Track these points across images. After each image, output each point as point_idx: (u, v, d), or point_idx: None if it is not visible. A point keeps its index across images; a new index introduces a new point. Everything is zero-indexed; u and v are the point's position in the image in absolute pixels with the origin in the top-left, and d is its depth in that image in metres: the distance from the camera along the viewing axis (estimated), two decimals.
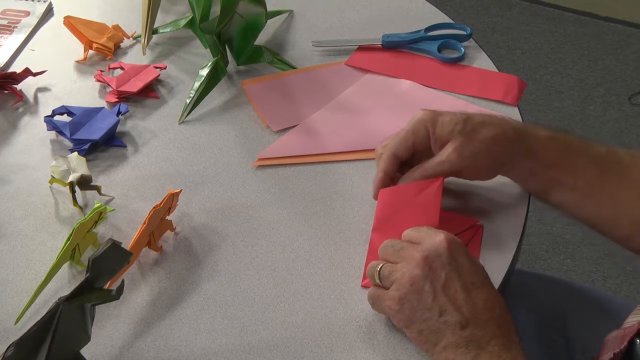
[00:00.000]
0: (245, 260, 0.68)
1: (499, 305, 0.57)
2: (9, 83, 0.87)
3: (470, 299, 0.56)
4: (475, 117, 0.68)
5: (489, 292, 0.57)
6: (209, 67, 0.87)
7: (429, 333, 0.56)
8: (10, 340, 0.51)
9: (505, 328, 0.56)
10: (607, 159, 0.68)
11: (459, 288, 0.56)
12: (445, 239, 0.58)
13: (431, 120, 0.68)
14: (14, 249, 0.69)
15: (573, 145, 0.68)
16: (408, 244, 0.60)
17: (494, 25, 2.42)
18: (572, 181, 0.67)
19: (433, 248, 0.58)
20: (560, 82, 2.19)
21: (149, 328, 0.62)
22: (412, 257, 0.58)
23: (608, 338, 0.66)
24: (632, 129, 2.02)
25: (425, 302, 0.56)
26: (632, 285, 1.62)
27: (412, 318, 0.57)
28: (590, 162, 0.67)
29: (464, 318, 0.55)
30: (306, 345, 0.61)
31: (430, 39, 0.94)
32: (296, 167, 0.78)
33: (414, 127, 0.68)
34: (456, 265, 0.57)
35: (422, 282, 0.57)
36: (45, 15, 1.02)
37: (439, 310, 0.56)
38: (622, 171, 0.67)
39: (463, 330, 0.55)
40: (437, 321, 0.56)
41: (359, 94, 0.88)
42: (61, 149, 0.80)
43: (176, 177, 0.77)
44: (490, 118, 0.68)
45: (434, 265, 0.57)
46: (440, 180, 0.67)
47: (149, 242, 0.67)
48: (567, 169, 0.67)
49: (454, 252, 0.58)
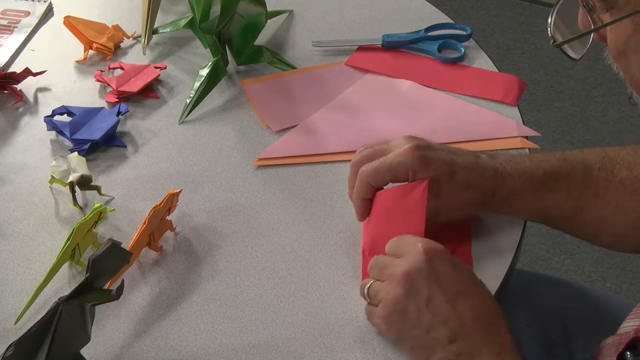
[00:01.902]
0: (245, 260, 0.68)
1: (489, 309, 0.57)
2: (9, 83, 0.87)
3: (455, 311, 0.56)
4: (460, 176, 0.65)
5: (475, 298, 0.57)
6: (209, 67, 0.87)
7: (420, 349, 0.57)
8: (10, 340, 0.51)
9: (496, 333, 0.56)
10: (583, 184, 0.68)
11: (443, 301, 0.56)
12: (424, 250, 0.58)
13: (414, 169, 0.64)
14: (14, 249, 0.69)
15: (548, 185, 0.68)
16: (390, 261, 0.60)
17: (494, 25, 2.42)
18: (549, 215, 0.69)
19: (412, 262, 0.57)
20: (560, 82, 2.19)
21: (149, 328, 0.62)
22: (394, 276, 0.58)
23: (603, 345, 0.66)
24: (632, 129, 2.02)
25: (411, 321, 0.56)
26: (632, 285, 1.62)
27: (402, 335, 0.58)
28: (567, 197, 0.68)
29: (452, 332, 0.55)
30: (306, 345, 0.61)
31: (430, 39, 0.94)
32: (296, 167, 0.78)
33: (395, 168, 0.64)
34: (437, 277, 0.57)
35: (405, 301, 0.57)
36: (45, 15, 1.02)
37: (426, 328, 0.56)
38: (597, 193, 0.68)
39: (452, 344, 0.55)
40: (426, 338, 0.56)
41: (359, 94, 0.88)
42: (61, 149, 0.80)
43: (176, 177, 0.77)
44: (474, 180, 0.66)
45: (415, 282, 0.57)
46: (425, 183, 0.64)
47: (149, 242, 0.67)
48: (543, 209, 0.69)
49: (433, 262, 0.57)
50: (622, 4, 0.51)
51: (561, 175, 0.68)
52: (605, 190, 0.68)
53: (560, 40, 0.58)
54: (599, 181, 0.68)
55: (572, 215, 0.69)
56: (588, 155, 0.70)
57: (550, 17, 0.59)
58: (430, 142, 0.67)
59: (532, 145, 0.80)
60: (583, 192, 0.68)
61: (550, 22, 0.59)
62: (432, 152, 0.65)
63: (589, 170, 0.69)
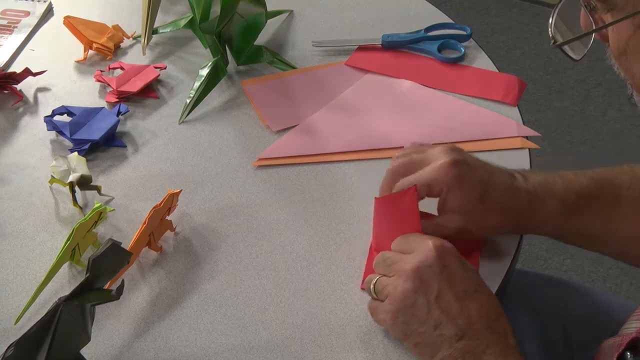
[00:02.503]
0: (245, 260, 0.68)
1: (494, 310, 0.57)
2: (9, 83, 0.87)
3: (464, 309, 0.56)
4: (493, 198, 0.65)
5: (482, 298, 0.57)
6: (209, 67, 0.87)
7: (425, 346, 0.56)
8: (10, 340, 0.51)
9: (501, 333, 0.56)
10: (614, 204, 0.68)
11: (452, 299, 0.56)
12: (434, 246, 0.58)
13: (448, 186, 0.64)
14: (14, 249, 0.69)
15: (580, 209, 0.67)
16: (399, 257, 0.60)
17: (494, 25, 2.42)
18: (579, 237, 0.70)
19: (423, 258, 0.57)
20: (560, 82, 2.19)
21: (149, 328, 0.62)
22: (403, 271, 0.58)
23: (605, 345, 0.66)
24: (632, 129, 2.02)
25: (419, 316, 0.56)
26: (632, 285, 1.62)
27: (407, 331, 0.57)
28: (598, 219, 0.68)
29: (460, 330, 0.55)
30: (306, 345, 0.61)
31: (430, 39, 0.94)
32: (296, 167, 0.78)
33: (431, 184, 0.64)
34: (447, 274, 0.57)
35: (414, 295, 0.56)
36: (45, 15, 1.02)
37: (434, 324, 0.56)
38: (626, 213, 0.68)
39: (459, 342, 0.55)
40: (432, 334, 0.56)
41: (359, 94, 0.88)
42: (61, 149, 0.80)
43: (176, 177, 0.77)
44: (507, 203, 0.65)
45: (425, 277, 0.57)
46: (412, 189, 0.63)
47: (149, 242, 0.67)
48: (573, 232, 0.69)
49: (444, 259, 0.58)
50: (622, 4, 0.51)
51: (592, 197, 0.68)
52: (634, 209, 0.68)
53: (561, 40, 0.58)
54: (629, 200, 0.68)
55: (601, 236, 0.69)
56: (617, 174, 0.70)
57: (551, 17, 0.59)
58: (468, 157, 0.66)
59: (532, 145, 0.80)
60: (613, 213, 0.68)
61: (551, 22, 0.59)
62: (468, 170, 0.64)
63: (619, 189, 0.69)
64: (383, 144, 0.80)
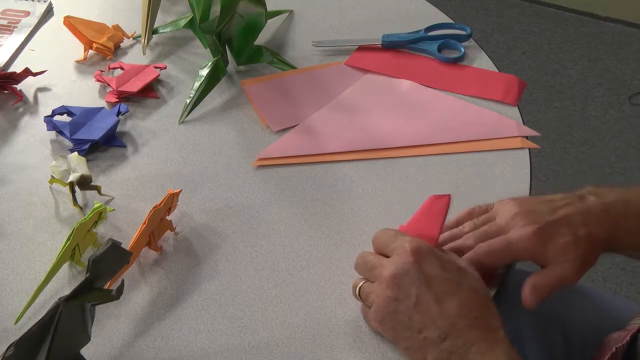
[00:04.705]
0: (245, 260, 0.68)
1: (477, 305, 0.57)
2: (9, 83, 0.87)
3: (444, 310, 0.56)
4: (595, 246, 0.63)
5: (463, 296, 0.57)
6: (209, 67, 0.87)
7: (414, 350, 0.57)
8: (10, 340, 0.51)
9: (486, 329, 0.56)
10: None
11: (432, 302, 0.56)
12: (411, 249, 0.58)
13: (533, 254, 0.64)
14: (14, 249, 0.69)
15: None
16: (378, 261, 0.60)
17: (494, 25, 2.42)
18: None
19: (400, 265, 0.58)
20: (560, 82, 2.19)
21: (149, 328, 0.62)
22: (383, 277, 0.58)
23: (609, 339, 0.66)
24: (632, 129, 2.03)
25: (403, 322, 0.57)
26: (632, 285, 1.62)
27: (396, 336, 0.58)
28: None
29: (442, 331, 0.55)
30: (306, 345, 0.61)
31: (430, 39, 0.94)
32: (296, 167, 0.78)
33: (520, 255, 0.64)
34: (425, 278, 0.57)
35: (395, 304, 0.57)
36: (45, 15, 1.03)
37: (418, 328, 0.56)
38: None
39: (443, 343, 0.55)
40: (418, 338, 0.56)
41: (359, 94, 0.88)
42: (61, 149, 0.80)
43: (176, 177, 0.77)
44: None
45: (403, 285, 0.57)
46: (447, 197, 0.69)
47: (149, 242, 0.67)
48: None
49: (421, 263, 0.58)
50: None
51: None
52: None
53: None
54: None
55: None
56: None
57: None
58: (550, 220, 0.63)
59: (532, 145, 0.80)
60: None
61: None
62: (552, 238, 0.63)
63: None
64: (383, 144, 0.80)
